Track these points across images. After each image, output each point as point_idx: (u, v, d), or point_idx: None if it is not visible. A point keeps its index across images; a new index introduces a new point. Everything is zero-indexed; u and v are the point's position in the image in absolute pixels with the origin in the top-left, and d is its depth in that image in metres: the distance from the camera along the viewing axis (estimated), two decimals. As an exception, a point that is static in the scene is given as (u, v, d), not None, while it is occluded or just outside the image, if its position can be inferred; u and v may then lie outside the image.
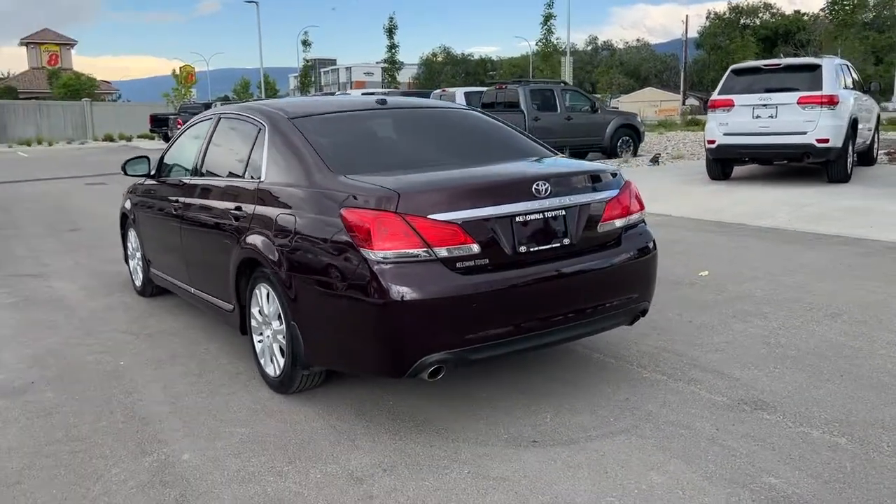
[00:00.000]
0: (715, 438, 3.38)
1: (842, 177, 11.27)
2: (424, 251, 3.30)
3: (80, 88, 52.22)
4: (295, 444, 3.49)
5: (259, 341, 4.20)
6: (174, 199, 5.20)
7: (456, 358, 3.36)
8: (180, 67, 51.82)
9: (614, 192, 3.90)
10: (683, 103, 63.94)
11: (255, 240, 3.97)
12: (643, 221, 4.14)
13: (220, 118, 4.96)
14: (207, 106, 34.29)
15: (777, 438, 3.35)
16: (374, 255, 3.28)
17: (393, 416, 3.74)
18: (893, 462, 3.11)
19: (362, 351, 3.43)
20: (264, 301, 4.03)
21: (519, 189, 3.54)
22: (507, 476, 3.11)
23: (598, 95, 65.99)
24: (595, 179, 3.91)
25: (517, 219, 3.51)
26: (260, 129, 4.29)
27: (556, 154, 4.46)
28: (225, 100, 46.17)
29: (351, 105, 4.57)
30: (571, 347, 4.64)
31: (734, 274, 6.43)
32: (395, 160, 4.01)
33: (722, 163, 12.16)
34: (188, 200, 4.96)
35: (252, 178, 4.22)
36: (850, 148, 11.39)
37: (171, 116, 33.52)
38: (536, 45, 58.24)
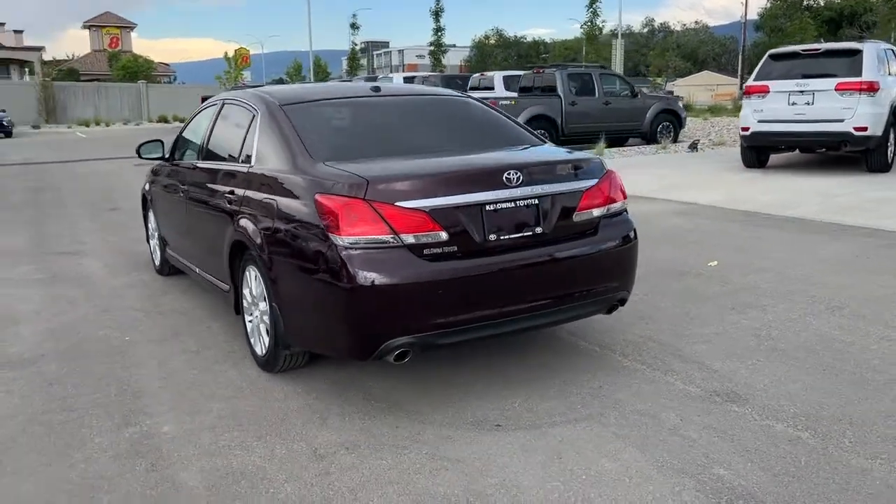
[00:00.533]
0: (676, 428, 3.40)
1: (881, 166, 10.94)
2: (392, 238, 3.38)
3: (138, 70, 53.58)
4: (269, 420, 3.63)
5: (249, 321, 4.36)
6: (182, 181, 5.39)
7: (421, 342, 3.45)
8: (235, 50, 52.73)
9: (593, 182, 3.92)
10: (741, 87, 62.33)
11: (244, 223, 4.11)
12: (625, 211, 4.15)
13: (223, 103, 5.12)
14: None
15: (739, 431, 3.36)
16: (342, 240, 3.38)
17: (368, 397, 3.86)
18: (850, 458, 3.09)
19: (331, 333, 3.54)
20: (253, 282, 4.17)
21: (489, 178, 3.59)
22: (463, 458, 3.20)
23: (652, 79, 64.71)
24: (573, 169, 3.93)
25: (487, 207, 3.56)
26: (254, 115, 4.42)
27: (545, 142, 4.48)
28: (279, 82, 46.82)
29: (345, 92, 4.67)
30: (557, 335, 4.68)
31: (744, 264, 6.35)
32: (379, 148, 4.10)
33: (757, 150, 11.90)
34: (193, 183, 5.14)
35: (244, 162, 4.36)
36: (893, 136, 11.03)
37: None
38: (582, 27, 57.31)
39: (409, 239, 3.40)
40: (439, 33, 60.24)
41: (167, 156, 5.99)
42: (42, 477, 3.16)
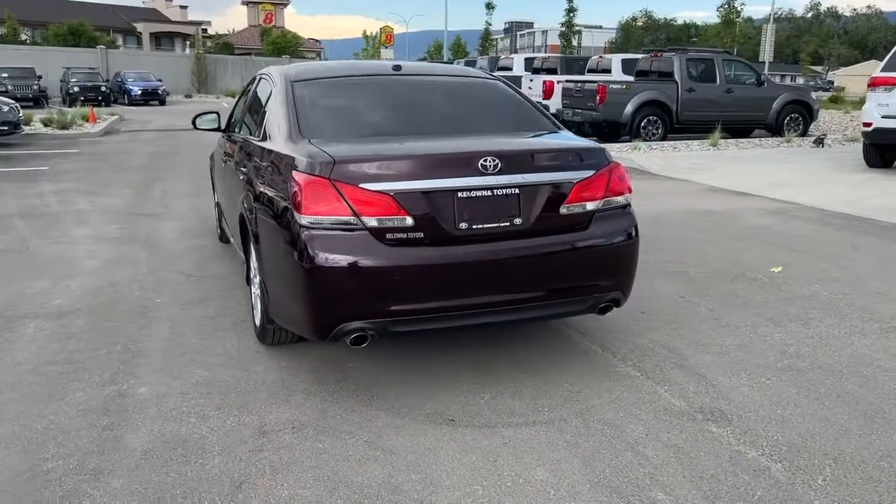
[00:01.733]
0: (636, 444, 3.15)
1: None
2: (353, 220, 3.32)
3: (286, 46, 55.95)
4: (237, 391, 3.69)
5: (253, 292, 4.44)
6: (224, 153, 5.56)
7: (377, 328, 3.38)
8: (380, 28, 53.94)
9: (588, 174, 3.67)
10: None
11: (247, 196, 4.18)
12: (627, 206, 3.87)
13: (259, 78, 5.21)
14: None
15: (703, 454, 3.07)
16: (304, 219, 3.35)
17: (342, 379, 3.84)
18: (813, 498, 2.75)
19: (295, 311, 3.54)
20: (254, 255, 4.24)
21: (463, 164, 3.44)
22: (399, 450, 3.11)
23: (808, 68, 60.11)
24: (565, 158, 3.70)
25: (460, 194, 3.42)
26: (271, 90, 4.47)
27: (559, 130, 4.23)
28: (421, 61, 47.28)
29: (363, 70, 4.61)
30: (563, 331, 4.47)
31: (815, 272, 5.80)
32: (377, 127, 4.03)
33: (880, 149, 10.82)
34: (229, 154, 5.29)
35: (257, 137, 4.42)
36: None
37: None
38: (718, 10, 53.92)
39: (372, 222, 3.33)
40: (571, 14, 58.84)
41: (222, 127, 6.18)
42: (13, 423, 3.36)
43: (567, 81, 16.59)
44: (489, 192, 3.46)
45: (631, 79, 16.65)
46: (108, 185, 10.55)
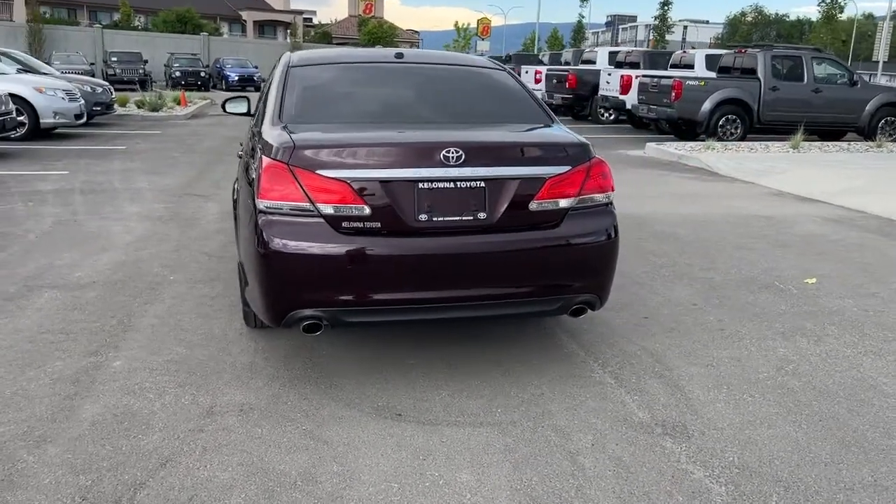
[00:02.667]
0: (577, 454, 3.01)
1: None
2: (308, 206, 3.30)
3: (382, 36, 56.68)
4: (205, 371, 3.74)
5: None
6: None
7: (329, 317, 3.35)
8: (478, 20, 53.80)
9: (563, 169, 3.52)
10: None
11: (237, 181, 4.23)
12: (607, 205, 3.68)
13: (277, 64, 5.25)
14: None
15: (645, 470, 2.90)
16: (261, 204, 3.36)
17: (309, 366, 3.83)
18: (745, 528, 2.55)
19: (254, 295, 3.55)
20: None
21: (424, 154, 3.35)
22: (333, 441, 3.08)
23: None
24: (540, 153, 3.56)
25: (420, 185, 3.34)
26: (273, 75, 4.50)
27: (552, 124, 4.06)
28: (514, 55, 47.02)
29: (364, 57, 4.57)
30: (552, 331, 4.31)
31: (851, 286, 5.40)
32: (361, 115, 3.99)
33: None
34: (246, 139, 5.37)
35: (254, 121, 4.47)
36: None
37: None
38: (819, 6, 50.74)
39: (328, 210, 3.29)
40: (665, 7, 56.99)
41: (252, 112, 6.28)
42: (-13, 387, 3.52)
43: (644, 76, 16.07)
44: (451, 185, 3.37)
45: (713, 75, 15.97)
46: (173, 166, 10.95)
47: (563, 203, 3.52)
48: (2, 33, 37.67)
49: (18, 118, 13.26)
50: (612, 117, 19.53)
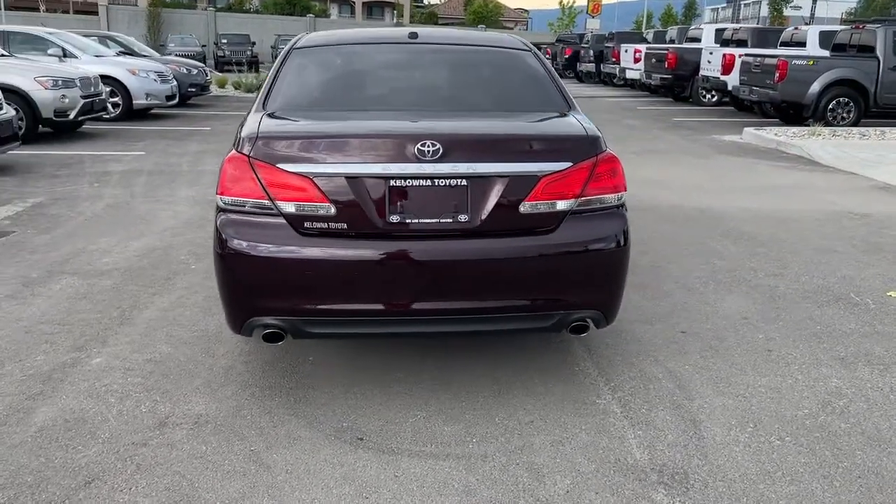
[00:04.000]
0: (548, 501, 2.57)
1: None
2: (267, 203, 2.99)
3: (487, 15, 56.07)
4: (179, 374, 3.52)
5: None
6: None
7: (290, 327, 3.04)
8: (589, -1, 52.26)
9: (562, 166, 3.04)
10: None
11: None
12: (617, 207, 3.18)
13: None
14: (581, 37, 34.29)
15: (620, 530, 2.43)
16: (220, 200, 3.08)
17: (288, 374, 3.54)
18: None
19: (220, 297, 3.28)
20: None
21: (396, 147, 2.96)
22: (275, 466, 2.78)
23: None
24: (535, 146, 3.11)
25: (393, 182, 2.96)
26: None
27: (568, 113, 3.55)
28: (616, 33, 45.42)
29: (375, 38, 4.19)
30: (568, 344, 3.84)
31: (944, 302, 4.62)
32: (353, 104, 3.63)
33: None
34: None
35: (256, 107, 4.20)
36: None
37: (542, 46, 34.29)
38: None
39: (289, 208, 2.97)
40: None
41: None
42: (-40, 381, 3.43)
43: (746, 55, 14.88)
44: (428, 182, 2.97)
45: (826, 54, 14.61)
46: (246, 147, 10.96)
47: (561, 205, 3.05)
48: (125, 18, 39.71)
49: (112, 99, 13.75)
50: (714, 99, 18.34)
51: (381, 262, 2.97)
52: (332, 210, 2.95)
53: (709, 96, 18.43)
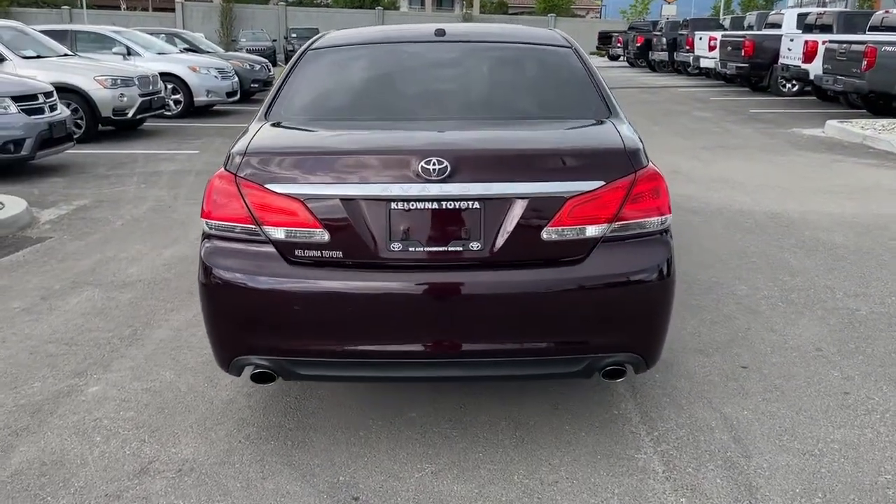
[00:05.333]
0: None
1: None
2: (255, 228, 2.64)
3: (557, 4, 54.89)
4: (175, 408, 3.23)
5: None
6: None
7: (278, 368, 2.70)
8: (666, -19, 50.65)
9: (592, 185, 2.59)
10: None
11: None
12: (661, 233, 2.70)
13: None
14: (654, 25, 33.10)
15: None
16: (204, 224, 2.76)
17: (291, 411, 3.20)
18: None
19: None
20: None
21: (398, 165, 2.57)
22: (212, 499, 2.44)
23: None
24: (561, 162, 2.66)
25: (394, 206, 2.57)
26: (295, 59, 3.88)
27: (607, 120, 3.08)
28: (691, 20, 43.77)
29: (394, 37, 3.78)
30: (605, 382, 3.38)
31: None
32: (365, 109, 3.26)
33: None
34: None
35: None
36: None
37: (613, 34, 33.29)
38: None
39: (277, 234, 2.62)
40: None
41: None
42: (-51, 410, 3.23)
43: (831, 42, 13.85)
44: (436, 205, 2.57)
45: (921, 39, 13.43)
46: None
47: (591, 230, 2.60)
48: (199, 14, 40.50)
49: (174, 96, 13.83)
50: (794, 88, 17.24)
51: (380, 297, 2.59)
52: (326, 237, 2.59)
53: (788, 86, 17.35)
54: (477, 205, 2.56)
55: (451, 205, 2.56)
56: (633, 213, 2.63)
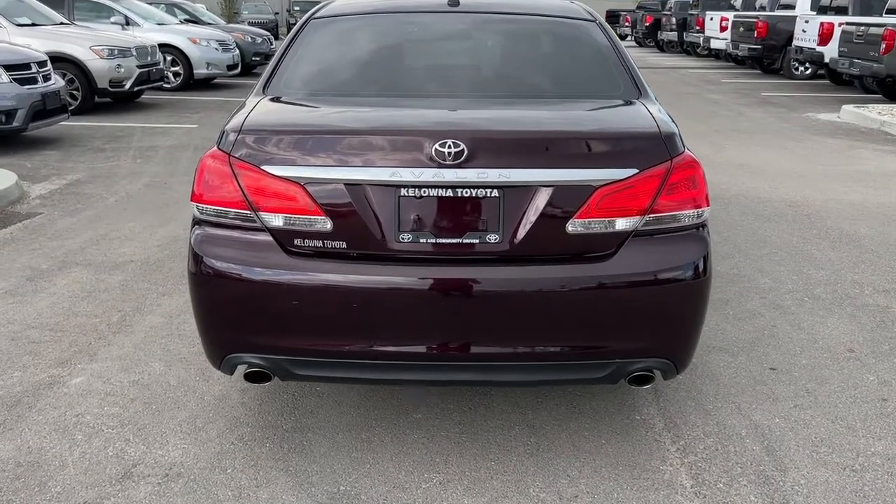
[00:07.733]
0: None
1: None
2: (249, 214, 2.40)
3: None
4: (164, 403, 3.01)
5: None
6: None
7: (274, 367, 2.46)
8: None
9: (624, 173, 2.34)
10: None
11: None
12: (698, 227, 2.46)
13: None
14: (663, 4, 32.54)
15: None
16: (195, 208, 2.52)
17: (288, 410, 2.98)
18: None
19: None
20: None
21: (408, 147, 2.32)
22: (248, 548, 2.22)
23: None
24: (590, 148, 2.41)
25: (404, 193, 2.33)
26: (297, 29, 3.61)
27: (636, 101, 2.82)
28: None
29: (404, 7, 3.52)
30: (626, 398, 3.15)
31: None
32: (370, 83, 3.00)
33: None
34: None
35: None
36: None
37: (621, 13, 32.76)
38: None
39: (275, 221, 2.38)
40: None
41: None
42: (-80, 402, 3.01)
43: (847, 24, 13.49)
44: (449, 192, 2.32)
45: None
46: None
47: (622, 223, 2.35)
48: (201, -15, 39.90)
49: (173, 68, 13.51)
50: (807, 71, 16.88)
51: (386, 293, 2.35)
52: (328, 225, 2.35)
53: (802, 69, 16.98)
54: (496, 193, 2.31)
55: (467, 192, 2.32)
56: (668, 204, 2.38)
